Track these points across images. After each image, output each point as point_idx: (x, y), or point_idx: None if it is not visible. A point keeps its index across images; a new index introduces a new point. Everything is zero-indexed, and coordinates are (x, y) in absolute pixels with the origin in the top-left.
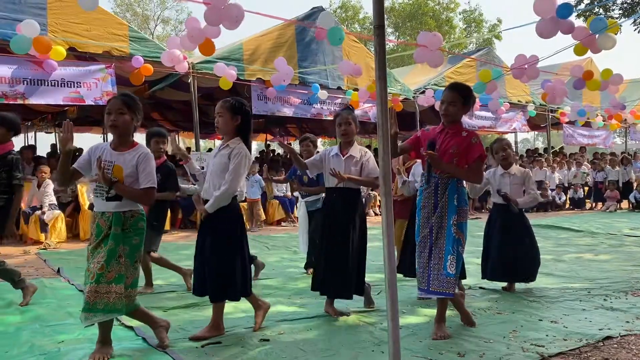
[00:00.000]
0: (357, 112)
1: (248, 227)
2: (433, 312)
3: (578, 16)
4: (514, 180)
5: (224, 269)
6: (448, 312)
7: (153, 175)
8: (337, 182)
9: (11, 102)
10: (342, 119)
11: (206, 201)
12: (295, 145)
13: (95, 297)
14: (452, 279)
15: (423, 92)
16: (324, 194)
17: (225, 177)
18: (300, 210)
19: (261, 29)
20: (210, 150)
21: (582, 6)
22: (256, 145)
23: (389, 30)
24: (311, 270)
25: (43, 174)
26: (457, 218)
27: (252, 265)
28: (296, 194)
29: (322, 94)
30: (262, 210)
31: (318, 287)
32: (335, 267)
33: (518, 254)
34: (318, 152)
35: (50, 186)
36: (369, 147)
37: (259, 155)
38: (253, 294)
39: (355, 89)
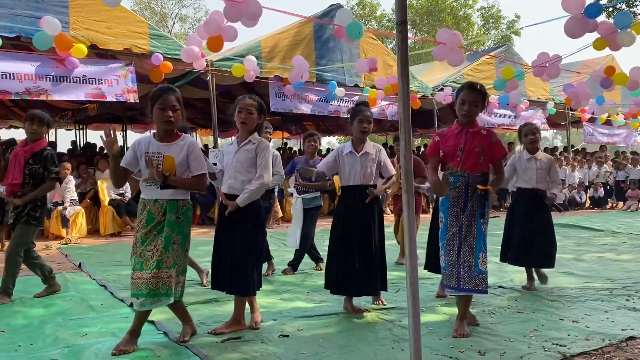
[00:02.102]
0: (374, 110)
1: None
2: (452, 310)
3: (601, 11)
4: (540, 165)
5: (253, 263)
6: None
7: (204, 162)
8: (359, 182)
9: (34, 99)
10: (365, 117)
11: (230, 196)
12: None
13: (157, 282)
14: (484, 276)
15: (441, 90)
16: (319, 192)
17: (254, 172)
18: (296, 206)
19: (279, 26)
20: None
21: (605, 0)
22: (273, 143)
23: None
24: (321, 265)
25: (65, 170)
26: (486, 217)
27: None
28: (291, 190)
29: (340, 91)
30: (279, 207)
31: (338, 288)
32: (362, 264)
33: (540, 238)
34: (325, 149)
35: (72, 182)
36: (385, 144)
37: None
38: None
39: (373, 87)
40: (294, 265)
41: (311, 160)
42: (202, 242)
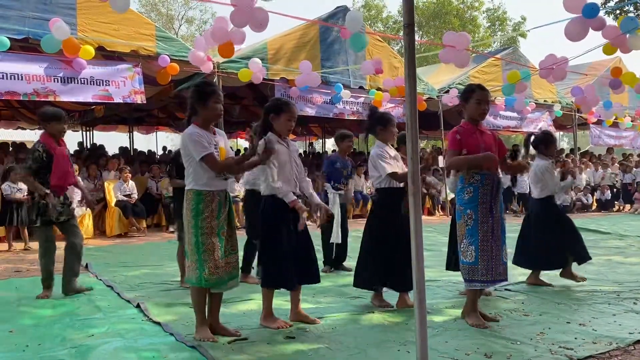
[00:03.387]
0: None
1: None
2: (459, 312)
3: (607, 14)
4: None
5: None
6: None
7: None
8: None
9: (42, 100)
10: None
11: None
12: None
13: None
14: (506, 266)
15: (447, 92)
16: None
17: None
18: (334, 203)
19: (285, 28)
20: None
21: (612, 3)
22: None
23: None
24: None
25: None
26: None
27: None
28: (326, 187)
29: (345, 93)
30: None
31: (387, 282)
32: (407, 261)
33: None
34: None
35: (80, 183)
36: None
37: None
38: None
39: (378, 89)
40: (335, 264)
41: (344, 159)
42: None
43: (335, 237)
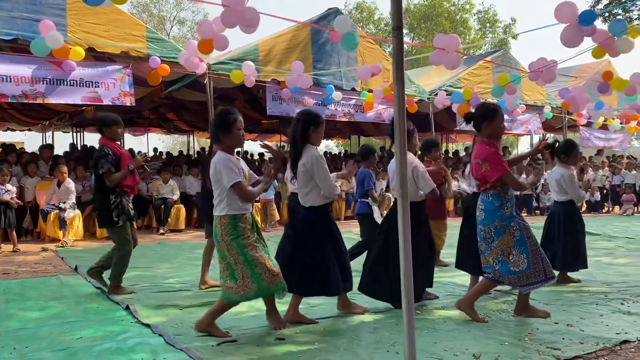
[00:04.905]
0: (370, 113)
1: (262, 227)
2: (448, 313)
3: (597, 17)
4: None
5: None
6: (455, 312)
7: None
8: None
9: (31, 102)
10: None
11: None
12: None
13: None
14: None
15: (437, 94)
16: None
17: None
18: (376, 213)
19: (277, 29)
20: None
21: (601, 6)
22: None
23: (403, 31)
24: None
25: (63, 174)
26: None
27: None
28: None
29: (337, 95)
30: (276, 210)
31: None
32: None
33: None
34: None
35: (72, 185)
36: (382, 148)
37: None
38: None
39: (370, 90)
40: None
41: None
42: (198, 246)
43: None
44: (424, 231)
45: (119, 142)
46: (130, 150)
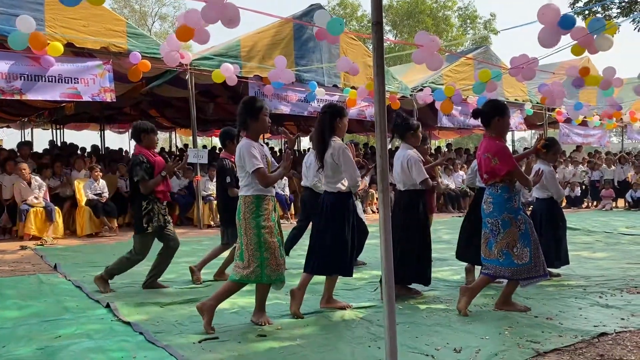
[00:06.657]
0: (353, 110)
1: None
2: (430, 307)
3: (576, 15)
4: None
5: None
6: (436, 306)
7: None
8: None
9: (8, 98)
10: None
11: None
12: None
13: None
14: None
15: (421, 90)
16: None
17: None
18: (359, 209)
19: (259, 25)
20: (204, 146)
21: (581, 4)
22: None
23: (386, 28)
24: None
25: (23, 170)
26: None
27: None
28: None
29: (320, 91)
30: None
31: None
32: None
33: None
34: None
35: (42, 182)
36: (366, 144)
37: None
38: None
39: (353, 87)
40: None
41: None
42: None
43: None
44: (420, 220)
45: (154, 149)
46: (163, 156)
